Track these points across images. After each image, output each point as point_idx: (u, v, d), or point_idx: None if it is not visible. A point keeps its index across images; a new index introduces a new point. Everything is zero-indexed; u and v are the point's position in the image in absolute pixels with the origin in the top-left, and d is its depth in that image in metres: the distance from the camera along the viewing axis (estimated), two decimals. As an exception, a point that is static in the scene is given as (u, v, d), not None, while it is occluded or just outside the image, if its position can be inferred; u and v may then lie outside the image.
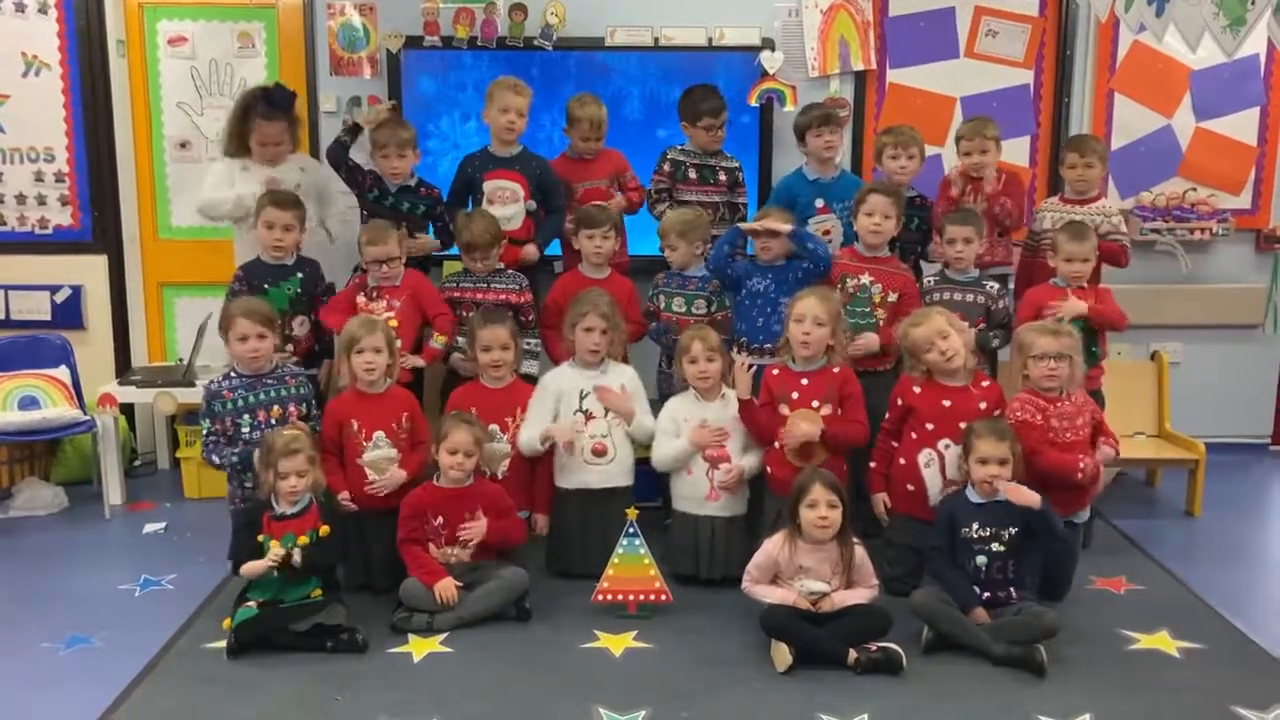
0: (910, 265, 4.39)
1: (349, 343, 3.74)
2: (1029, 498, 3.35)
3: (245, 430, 3.73)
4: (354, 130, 4.36)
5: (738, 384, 3.74)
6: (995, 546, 3.39)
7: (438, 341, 4.07)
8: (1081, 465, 3.58)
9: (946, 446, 3.65)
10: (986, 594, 3.39)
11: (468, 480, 3.60)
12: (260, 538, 3.41)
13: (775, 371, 3.84)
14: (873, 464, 3.83)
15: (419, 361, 4.06)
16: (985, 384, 3.76)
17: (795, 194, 4.50)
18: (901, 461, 3.76)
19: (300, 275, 4.18)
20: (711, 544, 3.81)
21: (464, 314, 4.17)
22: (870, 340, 4.01)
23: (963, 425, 3.58)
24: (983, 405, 3.69)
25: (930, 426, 3.67)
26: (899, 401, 3.75)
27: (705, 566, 3.82)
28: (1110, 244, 4.34)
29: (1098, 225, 4.37)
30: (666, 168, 4.59)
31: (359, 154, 4.43)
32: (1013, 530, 3.39)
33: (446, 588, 3.50)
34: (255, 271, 4.17)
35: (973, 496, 3.47)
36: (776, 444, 3.76)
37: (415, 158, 4.38)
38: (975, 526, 3.41)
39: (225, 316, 3.81)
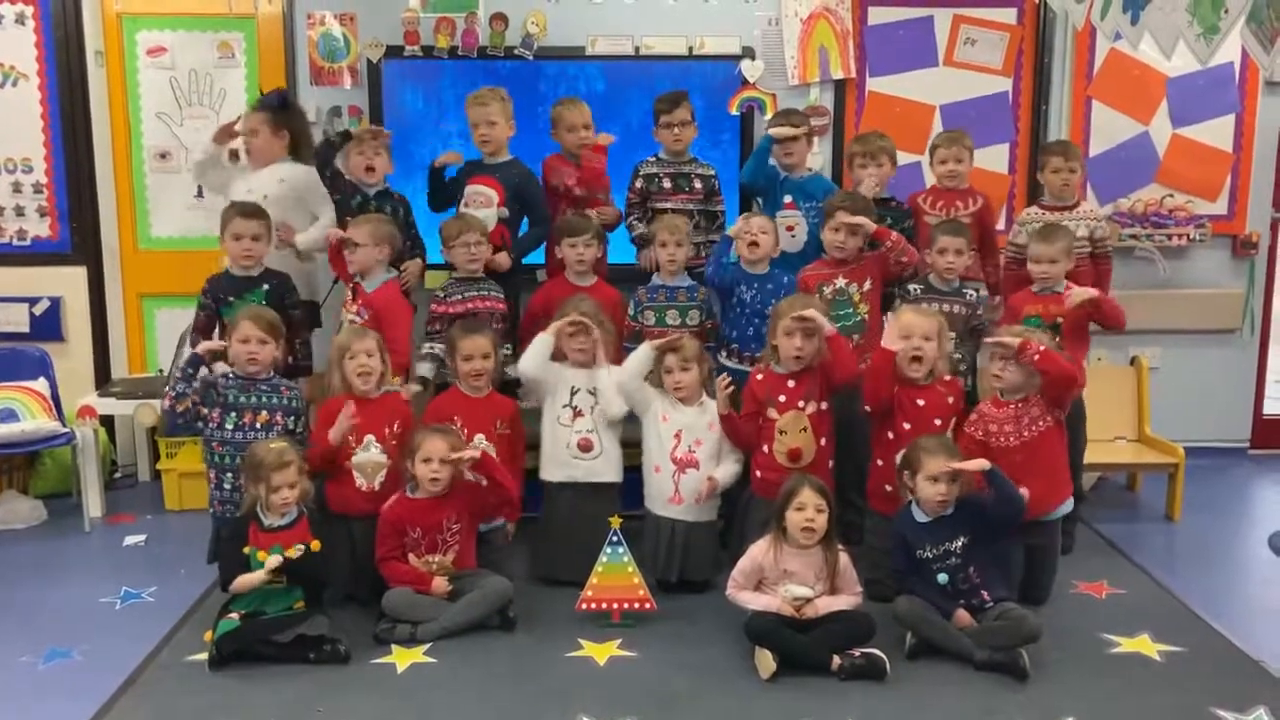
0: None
1: (340, 351, 3.75)
2: (978, 464, 3.39)
3: (229, 428, 3.72)
4: (346, 135, 4.38)
5: (718, 400, 3.76)
6: (951, 561, 3.42)
7: (396, 385, 3.92)
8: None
9: None
10: (960, 603, 3.41)
11: (444, 489, 3.58)
12: (246, 549, 3.39)
13: (760, 377, 3.85)
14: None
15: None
16: (947, 378, 3.79)
17: (771, 180, 4.49)
18: (879, 463, 3.79)
19: (266, 287, 4.15)
20: (670, 545, 3.82)
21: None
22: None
23: (937, 421, 3.65)
24: (950, 400, 3.75)
25: (908, 426, 3.70)
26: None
27: (663, 567, 3.83)
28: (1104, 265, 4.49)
29: (1092, 230, 4.45)
30: (638, 184, 4.57)
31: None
32: (963, 540, 3.41)
33: (439, 585, 3.53)
34: (219, 285, 4.16)
35: (918, 515, 3.48)
36: (765, 448, 3.78)
37: (389, 165, 4.39)
38: (928, 547, 3.44)
39: (233, 320, 3.82)
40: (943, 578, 3.41)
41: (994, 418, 3.69)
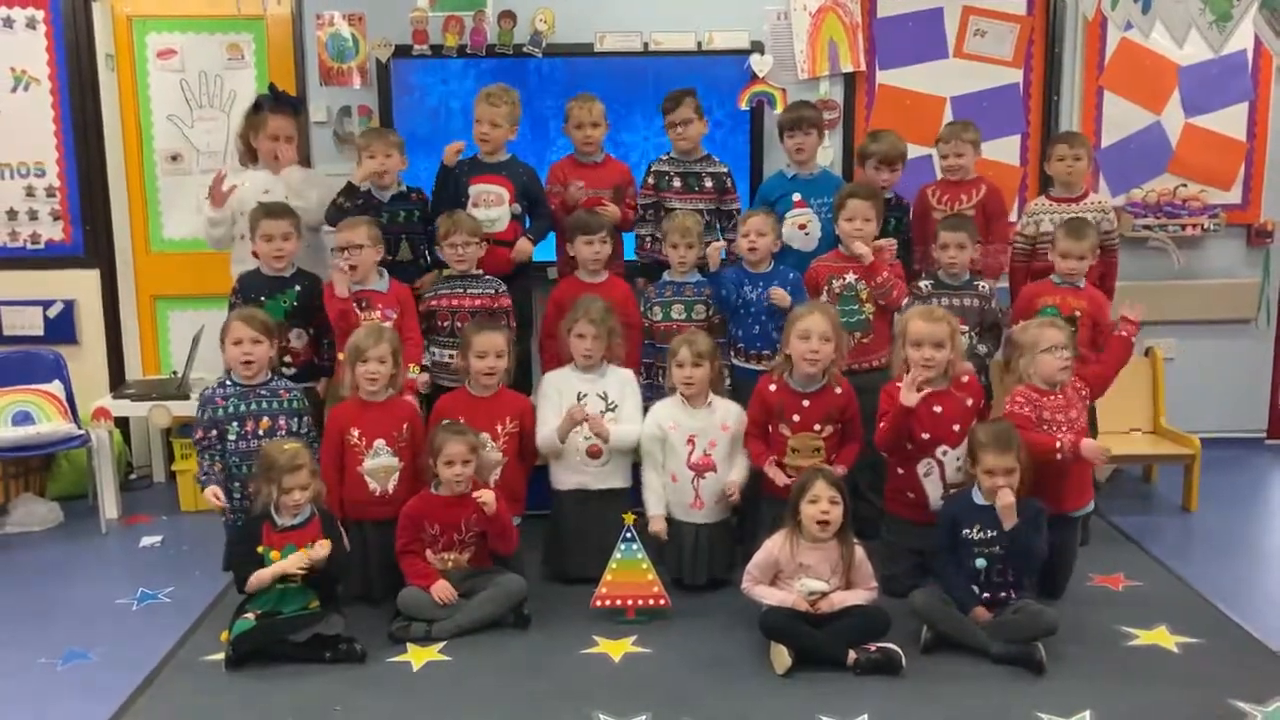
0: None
1: (355, 352, 3.74)
2: (1008, 517, 3.36)
3: (231, 439, 3.73)
4: (350, 191, 4.30)
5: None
6: (995, 549, 3.39)
7: (413, 372, 4.01)
8: (1058, 445, 3.56)
9: (944, 453, 3.66)
10: (986, 594, 3.39)
11: (466, 488, 3.59)
12: (260, 549, 3.41)
13: (773, 387, 3.80)
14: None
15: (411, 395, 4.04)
16: (965, 379, 3.75)
17: (772, 192, 4.52)
18: (900, 471, 3.76)
19: (298, 288, 4.16)
20: (695, 549, 3.82)
21: (440, 323, 4.18)
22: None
23: (956, 428, 3.60)
24: (969, 402, 3.71)
25: (926, 436, 3.67)
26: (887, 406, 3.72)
27: (689, 572, 3.83)
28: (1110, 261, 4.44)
29: (1097, 222, 4.41)
30: (650, 180, 4.55)
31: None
32: (1012, 535, 3.38)
33: (442, 589, 3.52)
34: (251, 284, 4.16)
35: (977, 498, 3.46)
36: (774, 457, 3.76)
37: (402, 163, 4.36)
38: (976, 528, 3.40)
39: (225, 322, 3.82)
40: (981, 563, 3.39)
41: (1052, 406, 3.66)
